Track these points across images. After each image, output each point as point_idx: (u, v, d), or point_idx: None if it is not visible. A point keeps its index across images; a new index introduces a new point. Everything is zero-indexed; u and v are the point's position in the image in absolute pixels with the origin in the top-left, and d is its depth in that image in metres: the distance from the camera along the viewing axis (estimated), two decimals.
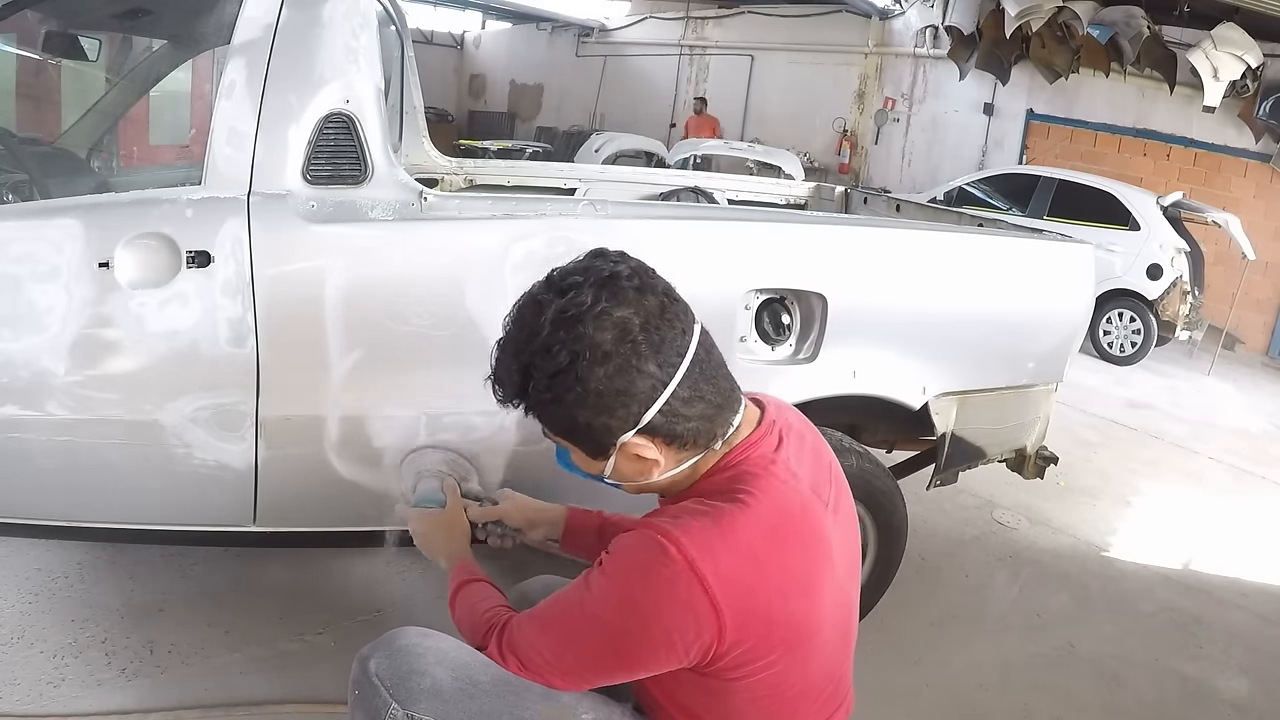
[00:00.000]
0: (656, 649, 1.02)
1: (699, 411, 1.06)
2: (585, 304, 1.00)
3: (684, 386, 1.04)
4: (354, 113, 1.74)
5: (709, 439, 1.08)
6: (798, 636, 1.06)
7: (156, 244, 1.64)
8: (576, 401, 1.02)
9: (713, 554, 0.99)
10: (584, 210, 2.02)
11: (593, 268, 1.05)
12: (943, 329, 2.14)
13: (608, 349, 1.00)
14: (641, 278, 1.05)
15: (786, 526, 1.05)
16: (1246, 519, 3.88)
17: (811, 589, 1.07)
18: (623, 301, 1.01)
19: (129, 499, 1.81)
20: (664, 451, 1.07)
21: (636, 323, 1.01)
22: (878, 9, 10.19)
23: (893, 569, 2.23)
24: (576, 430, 1.06)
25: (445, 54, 15.75)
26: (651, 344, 1.01)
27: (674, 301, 1.06)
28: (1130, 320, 6.66)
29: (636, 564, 1.02)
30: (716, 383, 1.08)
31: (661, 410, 1.03)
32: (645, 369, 1.01)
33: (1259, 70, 7.42)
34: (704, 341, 1.08)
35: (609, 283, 1.02)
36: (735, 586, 0.99)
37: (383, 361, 1.76)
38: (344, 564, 2.39)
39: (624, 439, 1.05)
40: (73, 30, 2.42)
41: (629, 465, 1.09)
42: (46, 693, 1.79)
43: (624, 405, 1.02)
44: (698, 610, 0.99)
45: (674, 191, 3.44)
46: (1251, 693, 2.42)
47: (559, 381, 1.01)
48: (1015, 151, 9.60)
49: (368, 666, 1.12)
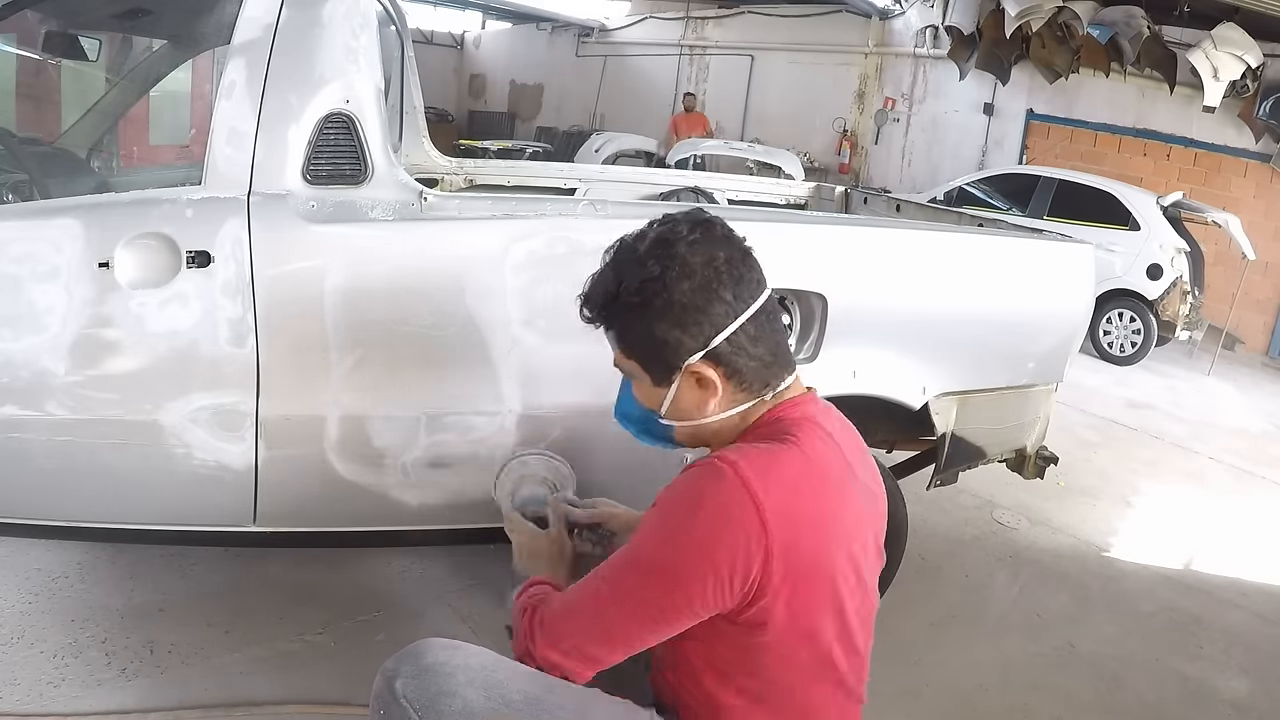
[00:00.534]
0: (705, 580, 1.03)
1: (760, 353, 1.15)
2: (681, 233, 1.13)
3: (752, 324, 1.13)
4: (354, 113, 1.75)
5: (762, 386, 1.16)
6: (828, 589, 1.10)
7: (156, 244, 1.64)
8: (660, 310, 1.11)
9: (767, 479, 1.05)
10: (584, 210, 2.02)
11: (694, 212, 1.18)
12: (943, 329, 2.14)
13: (694, 267, 1.11)
14: (732, 232, 1.17)
15: (829, 474, 1.12)
16: (1246, 519, 3.88)
17: (846, 542, 1.11)
18: (713, 240, 1.14)
19: (129, 499, 1.81)
20: (723, 385, 1.14)
21: (722, 256, 1.13)
22: (878, 9, 10.18)
23: (893, 569, 2.23)
24: (652, 345, 1.14)
25: (445, 54, 15.74)
26: (733, 276, 1.12)
27: (753, 258, 1.17)
28: (1130, 320, 6.66)
29: (694, 487, 1.07)
30: (778, 338, 1.18)
31: (729, 339, 1.12)
32: (723, 295, 1.11)
33: (1259, 70, 7.41)
34: (773, 302, 1.18)
35: (705, 224, 1.15)
36: (783, 513, 1.04)
37: (383, 361, 1.76)
38: (344, 564, 2.39)
39: (691, 361, 1.13)
40: (73, 30, 2.42)
41: (689, 394, 1.16)
42: (46, 693, 1.79)
43: (697, 324, 1.11)
44: (749, 530, 1.02)
45: (674, 191, 3.44)
46: (1251, 693, 2.42)
47: (647, 287, 1.10)
48: (1015, 151, 9.59)
49: (394, 686, 1.07)
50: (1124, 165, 8.60)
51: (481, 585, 2.36)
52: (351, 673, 1.94)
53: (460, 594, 2.33)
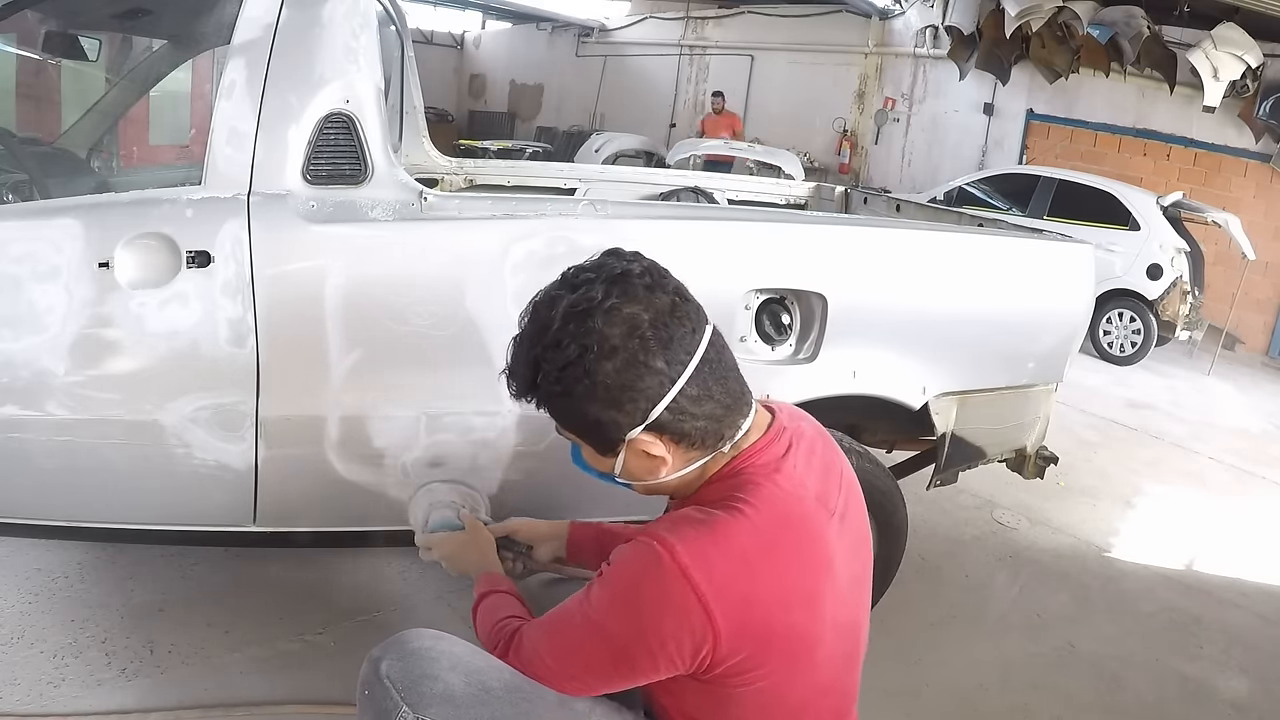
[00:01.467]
0: (654, 656, 1.03)
1: (707, 411, 1.06)
2: (596, 299, 1.02)
3: (692, 385, 1.04)
4: (354, 113, 1.74)
5: (716, 440, 1.09)
6: (798, 648, 1.06)
7: (156, 244, 1.64)
8: (585, 395, 1.03)
9: (706, 561, 1.00)
10: (584, 210, 2.02)
11: (605, 265, 1.06)
12: (943, 329, 2.14)
13: (615, 343, 1.01)
14: (653, 276, 1.06)
15: (784, 536, 1.05)
16: (1247, 519, 3.88)
17: (813, 601, 1.06)
18: (633, 298, 1.02)
19: (129, 499, 1.81)
20: (672, 450, 1.08)
21: (646, 319, 1.02)
22: (878, 9, 10.18)
23: (893, 569, 2.22)
24: (586, 425, 1.07)
25: (445, 54, 15.73)
26: (660, 340, 1.02)
27: (685, 301, 1.07)
28: (1130, 320, 6.66)
29: (632, 572, 1.04)
30: (726, 384, 1.08)
31: (669, 407, 1.04)
32: (653, 365, 1.02)
33: (1259, 70, 7.41)
34: (715, 342, 1.08)
35: (620, 279, 1.04)
36: (730, 595, 1.00)
37: (383, 361, 1.76)
38: (344, 564, 2.39)
39: (632, 435, 1.06)
40: (73, 30, 2.42)
41: (638, 463, 1.10)
42: (46, 693, 1.79)
43: (631, 400, 1.03)
44: (691, 617, 0.99)
45: (674, 191, 3.44)
46: (1251, 692, 2.42)
47: (567, 374, 1.02)
48: (1015, 151, 9.59)
49: (379, 668, 1.11)
50: (1124, 165, 8.60)
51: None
52: (351, 673, 1.91)
53: (459, 594, 2.33)
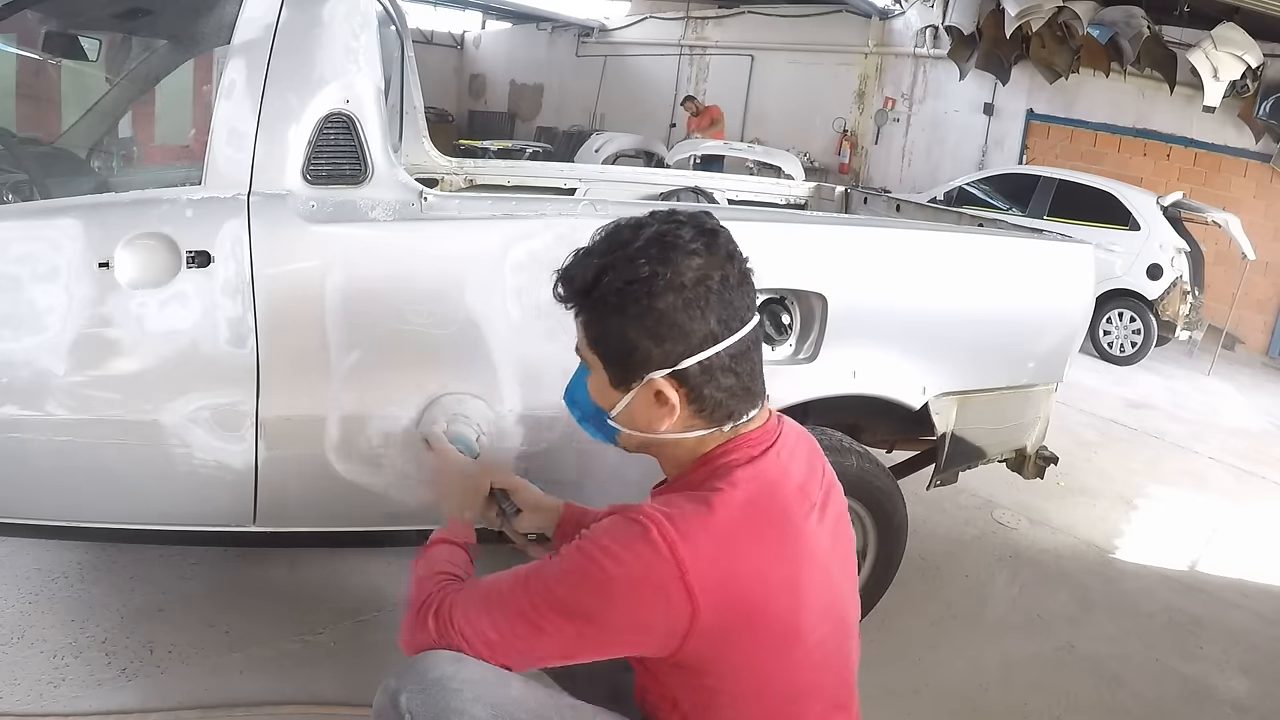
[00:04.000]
0: (619, 629, 1.03)
1: (730, 385, 1.08)
2: (683, 238, 1.04)
3: (729, 354, 1.06)
4: (354, 113, 1.74)
5: (725, 417, 1.09)
6: (781, 635, 1.06)
7: (156, 244, 1.64)
8: (636, 316, 1.04)
9: (693, 541, 1.00)
10: (584, 210, 2.02)
11: (698, 217, 1.08)
12: (943, 329, 2.14)
13: (686, 281, 1.03)
14: (736, 247, 1.09)
15: (766, 522, 1.06)
16: (1247, 519, 3.88)
17: (794, 588, 1.06)
18: (715, 254, 1.05)
19: (129, 499, 1.81)
20: (682, 406, 1.08)
21: (718, 275, 1.04)
22: (878, 9, 10.18)
23: (893, 569, 2.23)
24: (618, 348, 1.07)
25: (445, 54, 15.73)
26: (723, 300, 1.05)
27: (750, 283, 1.10)
28: (1130, 320, 6.66)
29: (614, 543, 1.02)
30: (754, 369, 1.11)
31: (702, 364, 1.05)
32: (708, 317, 1.04)
33: (1259, 70, 7.41)
34: (758, 331, 1.11)
35: (710, 234, 1.06)
36: (714, 574, 1.00)
37: (383, 362, 1.76)
38: (344, 564, 2.39)
39: (655, 375, 1.06)
40: (73, 30, 2.41)
41: (644, 407, 1.09)
42: (46, 693, 1.79)
43: (674, 340, 1.04)
44: (670, 594, 0.99)
45: (674, 191, 3.44)
46: (1251, 693, 2.42)
47: (631, 289, 1.03)
48: (1015, 151, 9.59)
49: (399, 701, 1.05)
50: (1124, 165, 8.60)
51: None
52: (351, 673, 1.94)
53: None
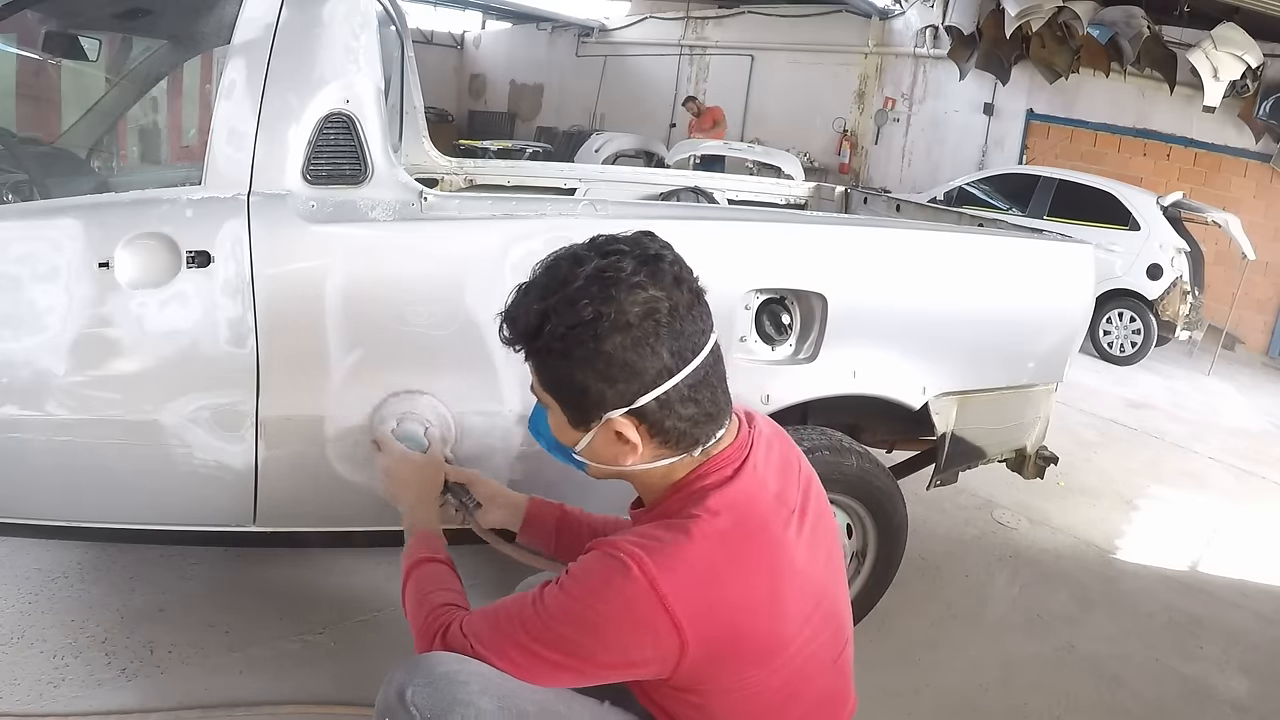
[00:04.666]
0: (615, 665, 1.03)
1: (691, 414, 1.05)
2: (624, 271, 1.01)
3: (686, 384, 1.04)
4: (354, 113, 1.74)
5: (691, 444, 1.08)
6: (767, 650, 1.06)
7: (156, 244, 1.64)
8: (584, 360, 1.01)
9: (673, 574, 0.99)
10: (584, 210, 2.02)
11: (639, 243, 1.06)
12: (943, 329, 2.13)
13: (631, 320, 1.00)
14: (681, 269, 1.05)
15: (747, 544, 1.04)
16: (1247, 519, 3.88)
17: (777, 603, 1.06)
18: (659, 282, 1.02)
19: (129, 499, 1.81)
20: (645, 441, 1.07)
21: (665, 306, 1.01)
22: (878, 9, 10.18)
23: (893, 569, 2.23)
24: (570, 391, 1.05)
25: (445, 54, 15.73)
26: (673, 331, 1.02)
27: (702, 303, 1.07)
28: (1130, 320, 6.66)
29: (597, 582, 1.02)
30: (715, 393, 1.08)
31: (659, 399, 1.03)
32: (659, 352, 1.01)
33: (1259, 70, 7.41)
34: (715, 351, 1.08)
35: (652, 261, 1.03)
36: (697, 604, 1.00)
37: (383, 362, 1.76)
38: (344, 564, 2.39)
39: (613, 415, 1.04)
40: (73, 30, 2.41)
41: (606, 445, 1.08)
42: (46, 693, 1.79)
43: (626, 380, 1.02)
44: (657, 628, 0.99)
45: (674, 191, 3.44)
46: (1251, 693, 2.42)
47: (575, 334, 1.00)
48: (1015, 151, 9.59)
49: (405, 695, 1.04)
50: (1124, 165, 8.61)
51: (480, 585, 2.35)
52: (351, 673, 1.94)
53: None
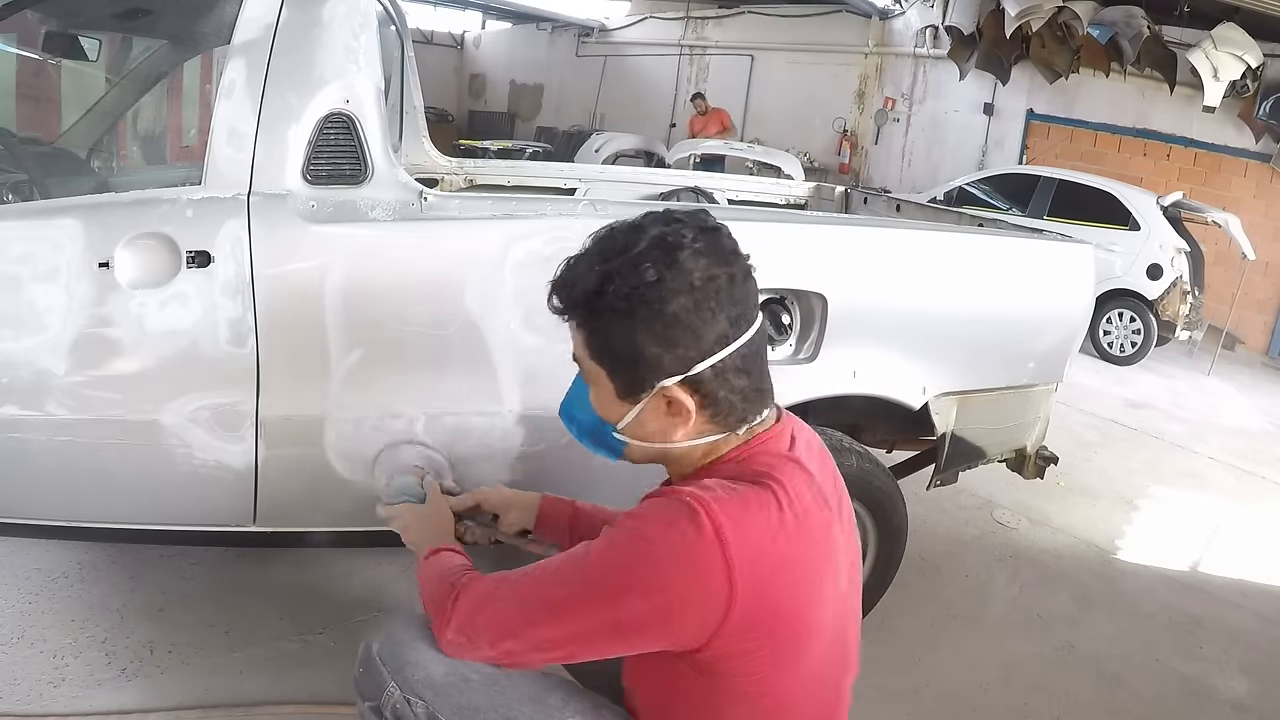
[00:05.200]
0: (652, 620, 0.99)
1: (743, 386, 1.05)
2: (685, 238, 1.00)
3: (741, 354, 1.03)
4: (354, 113, 1.74)
5: (739, 420, 1.07)
6: (798, 635, 1.04)
7: (156, 244, 1.64)
8: (648, 320, 0.99)
9: (741, 528, 0.97)
10: (584, 210, 2.02)
11: (697, 215, 1.05)
12: (943, 329, 2.14)
13: (695, 281, 0.99)
14: (737, 244, 1.05)
15: (805, 522, 1.03)
16: (1247, 519, 3.88)
17: (817, 589, 1.05)
18: (719, 252, 1.02)
19: (129, 499, 1.81)
20: (696, 416, 1.04)
21: (723, 274, 1.01)
22: (878, 9, 10.18)
23: (893, 569, 2.23)
24: (627, 356, 1.03)
25: (445, 54, 15.73)
26: (732, 298, 1.02)
27: (753, 279, 1.07)
28: (1130, 320, 6.66)
29: (658, 523, 0.99)
30: (763, 367, 1.08)
31: (715, 367, 1.02)
32: (719, 317, 1.00)
33: (1259, 70, 7.41)
34: (764, 327, 1.09)
35: (712, 233, 1.03)
36: (755, 567, 0.97)
37: (383, 361, 1.76)
38: (344, 564, 2.39)
39: (668, 382, 1.03)
40: (73, 30, 2.42)
41: (655, 417, 1.06)
42: (46, 693, 1.79)
43: (686, 345, 1.00)
44: (712, 581, 0.96)
45: (674, 191, 3.44)
46: (1251, 693, 2.42)
47: (639, 294, 0.98)
48: (1015, 151, 9.59)
49: (371, 648, 1.20)
50: (1124, 165, 8.60)
51: None
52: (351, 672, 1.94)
53: None
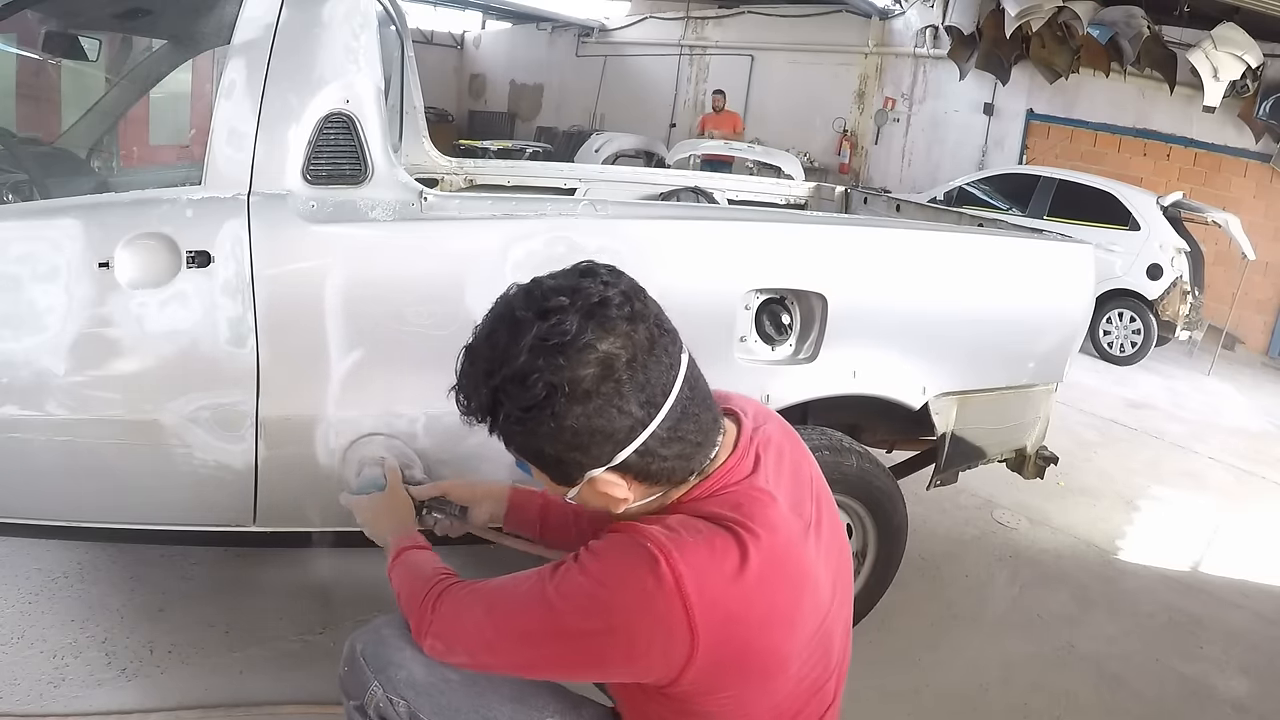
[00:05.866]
0: (616, 660, 1.00)
1: (676, 451, 0.99)
2: (569, 333, 0.91)
3: (664, 426, 0.97)
4: (354, 113, 1.74)
5: (684, 475, 1.03)
6: (770, 667, 1.03)
7: (156, 244, 1.64)
8: (548, 436, 0.95)
9: (702, 577, 0.95)
10: (584, 210, 2.02)
11: (581, 289, 0.95)
12: (943, 329, 2.14)
13: (589, 387, 0.91)
14: (633, 304, 0.95)
15: (777, 563, 1.00)
16: (1247, 519, 3.88)
17: (792, 622, 1.03)
18: (611, 332, 0.92)
19: (129, 499, 1.81)
20: (633, 487, 1.02)
21: (623, 359, 0.92)
22: (878, 9, 10.18)
23: (893, 569, 2.23)
24: (544, 461, 1.00)
25: (445, 54, 15.73)
26: (636, 383, 0.93)
27: (664, 332, 0.97)
28: (1130, 320, 6.66)
29: (619, 568, 0.98)
30: (699, 419, 1.01)
31: (638, 450, 0.97)
32: (627, 409, 0.94)
33: (1259, 70, 7.41)
34: (690, 375, 1.00)
35: (597, 310, 0.93)
36: (718, 613, 0.95)
37: (383, 361, 1.76)
38: (344, 564, 2.39)
39: (593, 474, 0.99)
40: (73, 30, 2.42)
41: (593, 496, 1.03)
42: (46, 693, 1.79)
43: (598, 444, 0.95)
44: (672, 630, 0.95)
45: (674, 191, 3.44)
46: (1251, 693, 2.42)
47: (532, 415, 0.93)
48: (1015, 151, 9.59)
49: (356, 648, 1.24)
50: (1124, 165, 8.60)
51: None
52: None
53: None
